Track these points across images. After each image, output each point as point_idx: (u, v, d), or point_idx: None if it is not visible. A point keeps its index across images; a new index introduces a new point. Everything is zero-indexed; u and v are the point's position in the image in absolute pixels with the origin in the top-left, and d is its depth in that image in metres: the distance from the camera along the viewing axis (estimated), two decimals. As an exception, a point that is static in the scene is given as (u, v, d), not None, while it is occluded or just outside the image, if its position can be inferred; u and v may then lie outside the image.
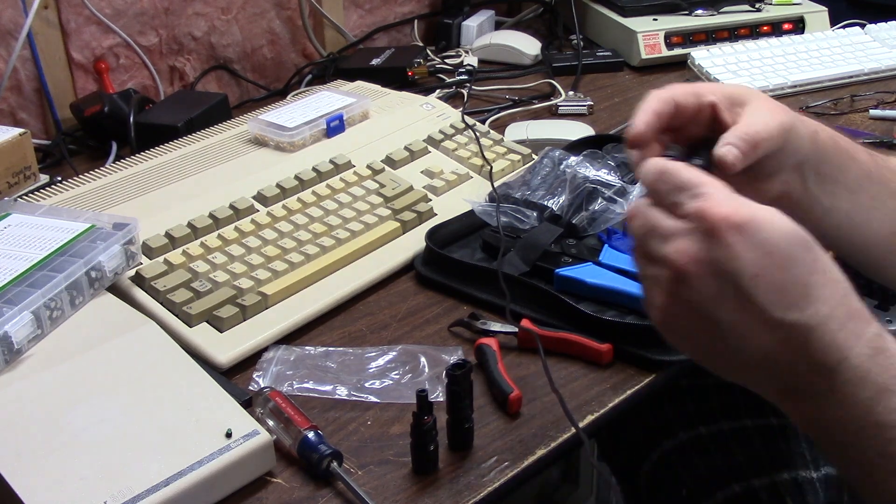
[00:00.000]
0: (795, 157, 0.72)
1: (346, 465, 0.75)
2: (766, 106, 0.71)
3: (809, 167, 0.74)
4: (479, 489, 0.74)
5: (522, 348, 0.89)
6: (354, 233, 1.03)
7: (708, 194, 0.58)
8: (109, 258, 0.88)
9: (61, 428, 0.72)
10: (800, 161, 0.73)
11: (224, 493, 0.73)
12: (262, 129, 1.17)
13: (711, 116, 0.71)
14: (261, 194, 1.06)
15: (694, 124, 0.71)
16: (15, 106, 1.34)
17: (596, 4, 1.73)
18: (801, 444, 0.99)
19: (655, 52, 1.60)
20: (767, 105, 0.71)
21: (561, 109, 1.43)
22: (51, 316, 0.82)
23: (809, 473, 0.99)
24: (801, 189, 0.74)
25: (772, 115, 0.70)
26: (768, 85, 1.48)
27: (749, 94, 0.72)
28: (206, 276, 0.94)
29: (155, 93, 1.46)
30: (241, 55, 1.57)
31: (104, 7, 1.38)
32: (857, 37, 1.63)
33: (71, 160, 1.29)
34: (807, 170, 0.74)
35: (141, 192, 1.06)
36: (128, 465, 0.70)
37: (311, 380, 0.85)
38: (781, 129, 0.70)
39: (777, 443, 1.00)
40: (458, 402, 0.76)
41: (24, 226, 0.91)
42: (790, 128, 0.71)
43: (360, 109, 1.24)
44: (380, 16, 1.76)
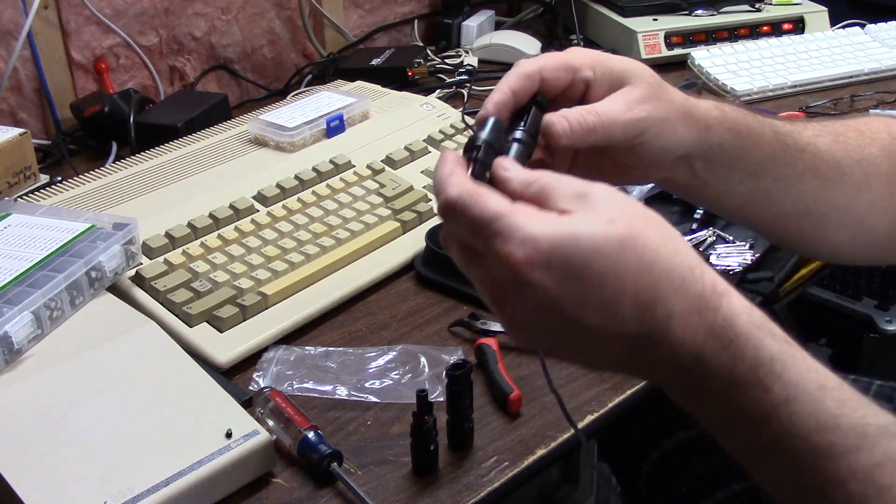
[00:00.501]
0: (675, 151, 0.69)
1: (346, 465, 0.75)
2: (640, 94, 0.67)
3: (697, 159, 0.71)
4: (479, 489, 0.74)
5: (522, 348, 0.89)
6: (354, 233, 1.03)
7: (504, 234, 0.52)
8: (109, 258, 0.88)
9: (61, 428, 0.72)
10: (683, 154, 0.70)
11: (224, 494, 0.73)
12: (262, 129, 1.17)
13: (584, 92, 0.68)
14: (261, 194, 1.06)
15: (566, 99, 0.67)
16: (15, 106, 1.34)
17: (596, 4, 1.72)
18: None
19: (655, 52, 1.60)
20: (642, 92, 0.67)
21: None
22: (51, 316, 0.82)
23: None
24: (687, 176, 0.72)
25: (631, 106, 0.66)
26: (768, 85, 1.48)
27: (633, 75, 0.68)
28: (206, 276, 0.94)
29: (155, 93, 1.46)
30: (241, 55, 1.57)
31: (104, 7, 1.38)
32: (857, 37, 1.63)
33: (71, 160, 1.29)
34: (694, 161, 0.71)
35: (141, 192, 1.06)
36: (128, 465, 0.70)
37: (311, 380, 0.85)
38: (634, 123, 0.66)
39: None
40: (458, 402, 0.76)
41: (24, 226, 0.91)
42: (655, 123, 0.67)
43: (360, 109, 1.24)
44: (380, 16, 1.76)
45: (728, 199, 0.75)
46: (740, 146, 0.72)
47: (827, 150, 0.75)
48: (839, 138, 0.77)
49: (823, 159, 0.75)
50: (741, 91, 1.46)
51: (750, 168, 0.73)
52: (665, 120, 0.67)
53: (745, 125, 0.72)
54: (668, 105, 0.68)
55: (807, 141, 0.75)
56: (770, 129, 0.74)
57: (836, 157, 0.76)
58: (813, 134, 0.76)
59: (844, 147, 0.77)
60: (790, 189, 0.75)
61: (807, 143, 0.75)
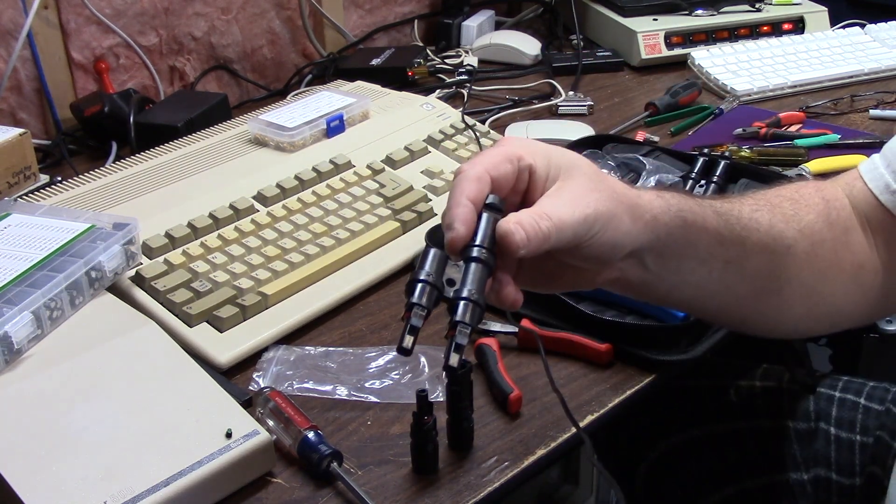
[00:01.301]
0: (624, 246, 0.66)
1: (346, 465, 0.75)
2: (581, 187, 0.64)
3: (647, 252, 0.68)
4: (479, 489, 0.74)
5: (522, 348, 0.89)
6: (354, 233, 1.03)
7: None
8: (109, 258, 0.88)
9: (61, 428, 0.72)
10: (633, 250, 0.67)
11: (224, 493, 0.73)
12: (262, 129, 1.17)
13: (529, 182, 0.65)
14: (261, 194, 1.06)
15: (513, 192, 0.65)
16: (15, 106, 1.34)
17: (596, 4, 1.73)
18: (792, 447, 1.00)
19: (655, 52, 1.60)
20: (584, 185, 0.64)
21: (561, 109, 1.43)
22: (51, 316, 0.82)
23: (800, 475, 0.99)
24: (639, 272, 0.69)
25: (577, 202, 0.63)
26: (768, 85, 1.48)
27: (569, 167, 0.65)
28: (206, 276, 0.94)
29: (155, 93, 1.46)
30: (241, 55, 1.57)
31: (104, 7, 1.38)
32: (857, 37, 1.63)
33: (71, 160, 1.29)
34: (644, 255, 0.68)
35: (141, 192, 1.06)
36: (128, 465, 0.70)
37: (311, 380, 0.85)
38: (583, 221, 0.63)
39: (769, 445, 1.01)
40: (458, 402, 0.76)
41: (24, 226, 0.91)
42: (601, 217, 0.63)
43: (360, 109, 1.24)
44: (380, 16, 1.76)
45: (681, 291, 0.72)
46: (687, 234, 0.69)
47: (768, 224, 0.74)
48: (776, 210, 0.75)
49: (768, 233, 0.73)
50: (741, 91, 1.46)
51: (700, 255, 0.70)
52: (611, 213, 0.64)
53: (689, 211, 0.69)
54: (610, 196, 0.64)
55: (749, 217, 0.73)
56: (711, 210, 0.71)
57: (779, 230, 0.74)
58: (751, 209, 0.74)
59: (783, 218, 0.75)
60: (742, 270, 0.73)
61: (749, 220, 0.72)
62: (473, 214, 0.61)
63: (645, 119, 1.39)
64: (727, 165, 1.16)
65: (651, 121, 1.40)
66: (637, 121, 1.39)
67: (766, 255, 0.73)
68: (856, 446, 0.97)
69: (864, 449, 0.97)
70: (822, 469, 0.98)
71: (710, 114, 1.41)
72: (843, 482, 0.97)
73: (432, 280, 0.59)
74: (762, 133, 1.32)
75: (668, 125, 1.38)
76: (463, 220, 0.61)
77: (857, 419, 0.98)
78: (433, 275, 0.59)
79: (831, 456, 0.98)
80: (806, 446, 0.99)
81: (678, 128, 1.37)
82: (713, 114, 1.41)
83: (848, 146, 1.29)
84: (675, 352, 0.87)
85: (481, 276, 0.60)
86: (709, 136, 1.34)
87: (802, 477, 0.99)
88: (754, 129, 1.33)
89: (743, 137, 1.32)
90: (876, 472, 0.95)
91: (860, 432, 0.98)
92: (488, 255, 0.60)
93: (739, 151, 1.25)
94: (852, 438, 0.97)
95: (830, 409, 1.00)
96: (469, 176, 0.62)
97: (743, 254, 0.72)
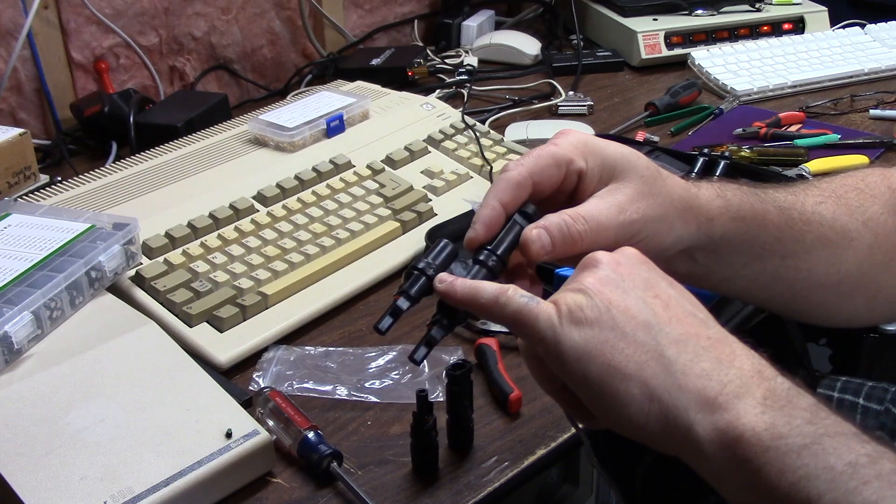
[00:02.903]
0: (672, 248, 0.65)
1: (346, 465, 0.75)
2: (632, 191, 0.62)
3: (698, 251, 0.67)
4: (479, 489, 0.74)
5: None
6: (354, 233, 1.03)
7: None
8: (109, 258, 0.88)
9: (61, 428, 0.72)
10: (684, 248, 0.66)
11: (224, 493, 0.73)
12: (262, 129, 1.17)
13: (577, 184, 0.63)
14: (261, 194, 1.06)
15: (558, 192, 0.63)
16: (15, 106, 1.34)
17: (596, 4, 1.73)
18: None
19: (655, 52, 1.60)
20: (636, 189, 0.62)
21: (561, 109, 1.43)
22: (51, 316, 0.82)
23: None
24: (687, 266, 0.68)
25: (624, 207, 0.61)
26: (768, 85, 1.48)
27: (626, 168, 0.63)
28: (206, 276, 0.94)
29: (155, 93, 1.46)
30: (241, 55, 1.57)
31: (104, 7, 1.38)
32: (857, 37, 1.63)
33: (71, 160, 1.29)
34: (695, 252, 0.68)
35: (141, 192, 1.06)
36: (128, 465, 0.70)
37: (311, 380, 0.85)
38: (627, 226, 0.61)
39: None
40: (458, 402, 0.76)
41: (24, 226, 0.91)
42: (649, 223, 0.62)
43: (360, 109, 1.24)
44: (380, 16, 1.76)
45: (732, 283, 0.72)
46: (745, 232, 0.68)
47: (832, 217, 0.72)
48: (841, 201, 0.74)
49: (832, 227, 0.72)
50: (741, 91, 1.46)
51: (755, 251, 0.69)
52: (661, 218, 0.63)
53: (748, 209, 0.68)
54: (663, 201, 0.63)
55: (812, 211, 0.71)
56: (773, 206, 0.70)
57: (843, 223, 0.73)
58: (815, 202, 0.72)
59: (848, 209, 0.74)
60: (799, 264, 0.72)
61: (812, 214, 0.71)
62: (500, 218, 0.61)
63: (645, 119, 1.39)
64: (727, 165, 1.16)
65: (651, 121, 1.40)
66: (637, 121, 1.39)
67: (827, 250, 0.72)
68: None
69: None
70: None
71: (710, 114, 1.41)
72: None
73: (430, 272, 0.59)
74: (762, 133, 1.32)
75: (668, 125, 1.38)
76: (485, 222, 0.60)
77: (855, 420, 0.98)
78: (433, 267, 0.60)
79: None
80: None
81: (678, 128, 1.37)
82: (713, 114, 1.41)
83: (848, 146, 1.29)
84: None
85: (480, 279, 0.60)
86: (709, 136, 1.34)
87: None
88: (754, 129, 1.33)
89: (743, 137, 1.32)
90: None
91: None
92: (495, 261, 0.60)
93: (739, 151, 1.25)
94: None
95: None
96: (510, 179, 0.61)
97: (803, 249, 0.71)
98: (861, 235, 0.74)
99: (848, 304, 0.76)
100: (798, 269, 0.72)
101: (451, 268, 0.60)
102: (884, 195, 0.76)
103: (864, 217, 0.74)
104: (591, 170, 0.63)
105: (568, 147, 0.63)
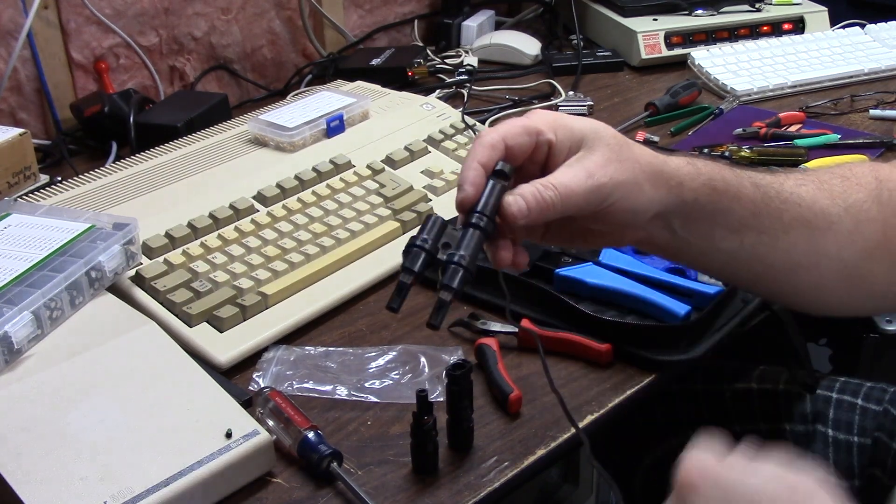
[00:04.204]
0: (646, 211, 0.68)
1: (346, 465, 0.75)
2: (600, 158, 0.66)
3: (673, 216, 0.70)
4: (479, 489, 0.74)
5: (522, 348, 0.89)
6: (354, 233, 1.03)
7: None
8: (109, 258, 0.88)
9: (61, 428, 0.72)
10: (658, 213, 0.69)
11: (224, 494, 0.73)
12: (262, 129, 1.17)
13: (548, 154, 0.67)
14: (261, 194, 1.06)
15: (531, 163, 0.67)
16: (15, 106, 1.34)
17: (596, 4, 1.73)
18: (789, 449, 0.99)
19: (655, 52, 1.60)
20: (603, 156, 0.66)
21: (561, 109, 1.43)
22: (51, 316, 0.82)
23: None
24: (667, 236, 0.71)
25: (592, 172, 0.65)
26: (768, 85, 1.48)
27: (593, 137, 0.66)
28: (206, 276, 0.94)
29: (155, 93, 1.46)
30: (241, 55, 1.57)
31: (104, 7, 1.38)
32: (857, 37, 1.63)
33: (71, 160, 1.29)
34: (671, 219, 0.70)
35: (141, 192, 1.06)
36: (128, 465, 0.70)
37: (311, 380, 0.85)
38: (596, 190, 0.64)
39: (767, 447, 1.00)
40: (458, 402, 0.76)
41: (24, 226, 0.91)
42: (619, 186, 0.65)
43: (360, 109, 1.24)
44: (380, 16, 1.76)
45: (712, 257, 0.74)
46: (718, 201, 0.70)
47: (811, 199, 0.74)
48: (823, 185, 0.75)
49: (810, 209, 0.73)
50: (741, 91, 1.46)
51: (731, 224, 0.72)
52: (630, 182, 0.66)
53: (720, 179, 0.70)
54: (632, 166, 0.66)
55: (790, 191, 0.73)
56: (749, 181, 0.72)
57: (822, 206, 0.74)
58: (796, 183, 0.74)
59: (830, 194, 0.75)
60: (777, 243, 0.73)
61: (790, 194, 0.73)
62: (482, 178, 0.64)
63: (645, 119, 1.39)
64: (727, 165, 1.16)
65: (651, 121, 1.40)
66: (637, 121, 1.39)
67: (804, 231, 0.73)
68: (854, 448, 0.97)
69: (862, 451, 0.97)
70: None
71: (710, 114, 1.41)
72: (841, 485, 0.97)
73: (427, 246, 0.63)
74: (762, 133, 1.32)
75: (668, 125, 1.38)
76: (472, 181, 0.63)
77: (854, 420, 0.98)
78: (430, 241, 0.63)
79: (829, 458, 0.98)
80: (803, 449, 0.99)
81: (678, 128, 1.37)
82: (713, 114, 1.41)
83: (848, 146, 1.29)
84: (675, 352, 0.87)
85: (474, 242, 0.63)
86: (709, 136, 1.34)
87: None
88: (754, 129, 1.33)
89: (743, 137, 1.32)
90: (876, 473, 0.95)
91: (858, 434, 0.97)
92: (487, 221, 0.63)
93: (739, 151, 1.25)
94: (850, 440, 0.97)
95: (828, 410, 0.99)
96: (484, 142, 0.65)
97: (780, 227, 0.73)
98: (841, 220, 0.75)
99: (829, 289, 0.77)
100: (776, 247, 0.74)
101: (446, 234, 0.64)
102: (870, 185, 0.77)
103: (846, 203, 0.75)
104: (561, 142, 0.66)
105: (537, 119, 0.67)
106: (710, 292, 0.92)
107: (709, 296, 0.91)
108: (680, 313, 0.89)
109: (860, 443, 0.97)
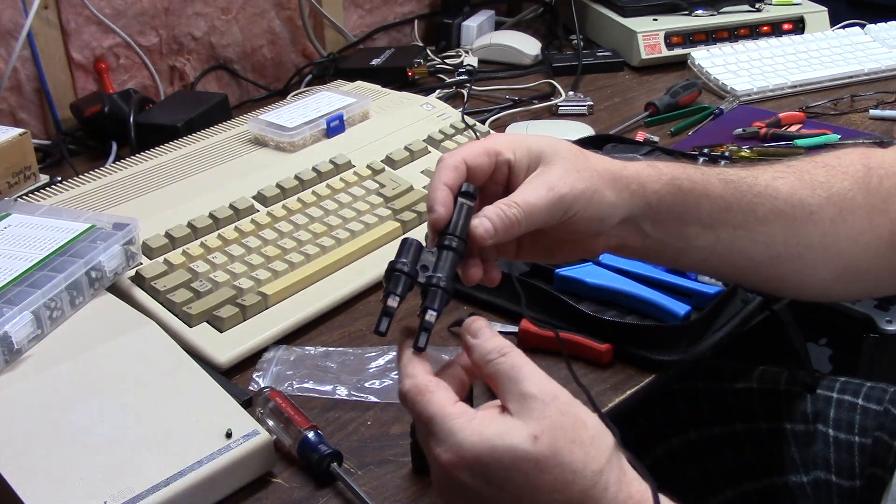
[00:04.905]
0: (611, 217, 0.69)
1: (346, 465, 0.75)
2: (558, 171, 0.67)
3: (641, 219, 0.71)
4: (479, 489, 0.74)
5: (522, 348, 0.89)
6: (354, 233, 1.03)
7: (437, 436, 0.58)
8: (109, 258, 0.88)
9: (61, 428, 0.72)
10: (625, 218, 0.70)
11: (224, 494, 0.73)
12: (262, 129, 1.17)
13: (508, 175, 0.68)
14: (261, 194, 1.06)
15: (493, 183, 0.68)
16: (15, 106, 1.34)
17: (596, 4, 1.73)
18: (790, 449, 1.00)
19: (655, 52, 1.60)
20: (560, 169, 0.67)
21: (561, 109, 1.43)
22: (51, 316, 0.82)
23: (800, 478, 0.99)
24: (639, 239, 0.72)
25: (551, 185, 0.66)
26: (768, 85, 1.48)
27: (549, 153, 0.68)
28: (206, 276, 0.94)
29: (155, 93, 1.46)
30: (241, 55, 1.57)
31: (104, 7, 1.38)
32: (857, 37, 1.63)
33: (71, 160, 1.30)
34: (640, 222, 0.71)
35: (141, 192, 1.06)
36: (128, 465, 0.70)
37: (311, 380, 0.85)
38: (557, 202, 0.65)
39: (768, 447, 1.00)
40: (458, 402, 0.76)
41: (24, 226, 0.91)
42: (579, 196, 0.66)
43: (360, 109, 1.24)
44: (380, 16, 1.76)
45: (690, 255, 0.74)
46: (684, 200, 0.71)
47: (789, 191, 0.74)
48: (804, 176, 0.75)
49: (786, 201, 0.74)
50: (741, 91, 1.46)
51: (703, 220, 0.72)
52: (590, 189, 0.67)
53: (685, 178, 0.71)
54: (590, 175, 0.67)
55: (765, 185, 0.74)
56: (717, 178, 0.72)
57: (801, 196, 0.74)
58: (772, 176, 0.74)
59: (811, 185, 0.75)
60: (755, 235, 0.73)
61: (765, 188, 0.73)
62: (451, 198, 0.65)
63: (645, 119, 1.39)
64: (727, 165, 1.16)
65: (651, 121, 1.40)
66: (637, 121, 1.39)
67: (781, 222, 0.74)
68: (854, 448, 0.97)
69: (862, 450, 0.97)
70: (821, 471, 0.98)
71: (710, 114, 1.41)
72: (843, 484, 0.97)
73: (407, 269, 0.64)
74: (762, 133, 1.32)
75: (668, 125, 1.38)
76: (443, 202, 0.65)
77: (855, 420, 0.98)
78: (408, 264, 0.65)
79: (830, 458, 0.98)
80: (804, 448, 0.99)
81: (678, 128, 1.37)
82: (713, 114, 1.41)
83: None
84: (675, 352, 0.87)
85: (449, 264, 0.64)
86: (709, 136, 1.34)
87: (802, 479, 0.99)
88: (754, 129, 1.33)
89: (743, 137, 1.32)
90: (877, 473, 0.95)
91: (858, 433, 0.97)
92: (458, 242, 0.64)
93: (739, 151, 1.25)
94: (851, 440, 0.97)
95: (828, 410, 0.99)
96: (447, 164, 0.66)
97: (756, 220, 0.73)
98: (823, 210, 0.75)
99: (815, 276, 0.77)
100: (754, 241, 0.74)
101: (422, 258, 0.65)
102: (857, 172, 0.77)
103: (828, 192, 0.75)
104: (519, 160, 0.67)
105: (496, 141, 0.68)
106: (710, 292, 0.92)
107: (709, 296, 0.91)
108: (680, 313, 0.89)
109: (861, 442, 0.97)
